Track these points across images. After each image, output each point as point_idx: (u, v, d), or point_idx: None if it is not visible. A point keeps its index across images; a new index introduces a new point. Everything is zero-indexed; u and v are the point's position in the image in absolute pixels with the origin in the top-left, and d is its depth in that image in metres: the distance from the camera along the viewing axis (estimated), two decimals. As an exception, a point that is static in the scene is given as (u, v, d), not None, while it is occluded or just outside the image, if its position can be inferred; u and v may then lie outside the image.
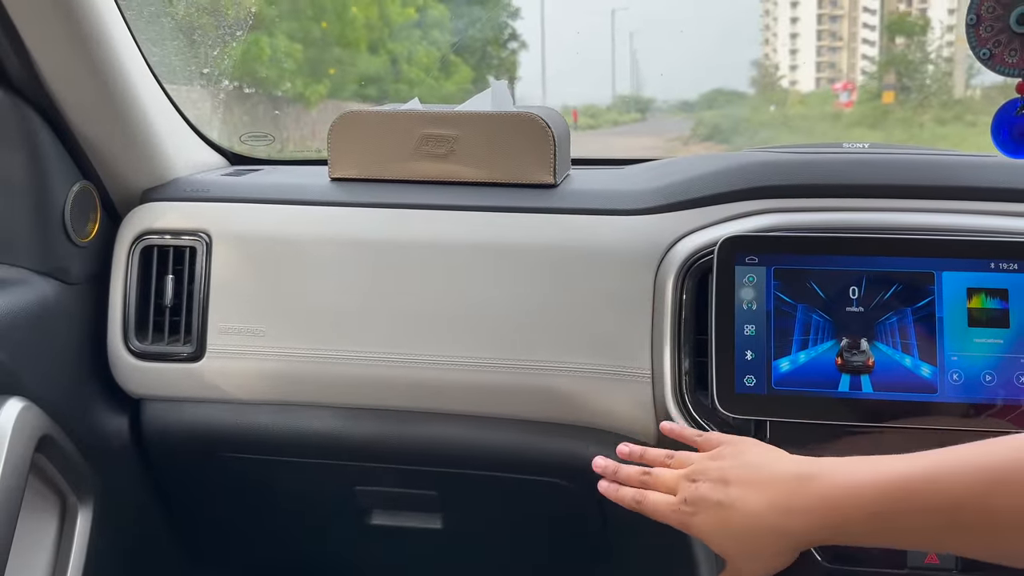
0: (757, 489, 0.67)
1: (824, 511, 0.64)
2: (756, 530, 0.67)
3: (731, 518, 0.68)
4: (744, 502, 0.67)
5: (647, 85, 9.32)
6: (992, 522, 0.58)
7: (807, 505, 0.65)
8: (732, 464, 0.71)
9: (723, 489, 0.69)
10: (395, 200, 1.07)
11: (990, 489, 0.57)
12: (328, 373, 1.04)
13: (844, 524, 0.63)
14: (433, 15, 6.61)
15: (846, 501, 0.63)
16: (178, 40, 1.23)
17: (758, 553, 0.68)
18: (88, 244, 1.09)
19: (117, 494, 1.13)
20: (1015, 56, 0.75)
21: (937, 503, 0.59)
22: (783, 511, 0.65)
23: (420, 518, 1.19)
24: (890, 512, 0.61)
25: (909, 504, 0.60)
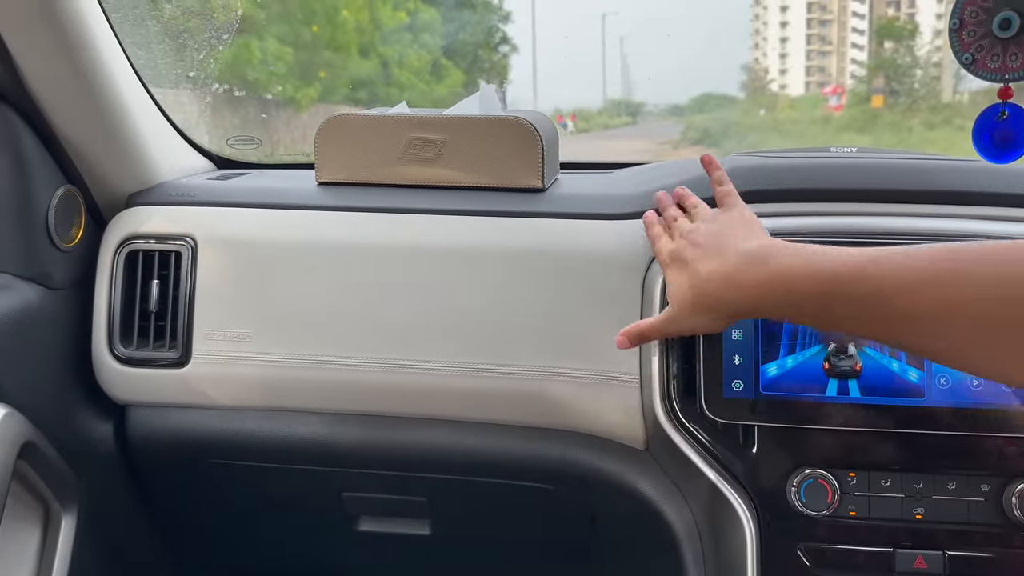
0: (714, 257, 0.78)
1: (762, 291, 0.73)
2: (702, 291, 0.78)
3: (688, 276, 0.80)
4: (701, 264, 0.78)
5: (637, 89, 9.34)
6: (912, 315, 0.63)
7: (748, 282, 0.74)
8: (705, 229, 0.82)
9: (691, 249, 0.81)
10: (382, 204, 1.06)
11: (911, 286, 0.62)
12: (315, 378, 1.03)
13: (780, 306, 0.72)
14: (424, 19, 6.61)
15: (782, 286, 0.71)
16: (165, 43, 1.23)
17: (698, 311, 0.79)
18: (72, 249, 1.08)
19: (101, 501, 1.12)
20: (997, 61, 0.75)
21: (863, 294, 0.65)
22: (727, 282, 0.75)
23: (408, 524, 1.19)
24: (820, 300, 0.68)
25: (839, 294, 0.67)
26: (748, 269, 0.74)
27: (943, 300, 0.61)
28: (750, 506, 0.91)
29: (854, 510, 0.88)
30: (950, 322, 0.60)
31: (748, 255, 0.75)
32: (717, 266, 0.77)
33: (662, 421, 0.94)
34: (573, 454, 1.02)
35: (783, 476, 0.90)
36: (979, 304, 0.59)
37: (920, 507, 0.88)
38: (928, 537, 0.88)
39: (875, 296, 0.64)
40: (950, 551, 0.87)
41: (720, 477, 0.92)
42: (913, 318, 0.62)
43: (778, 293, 0.71)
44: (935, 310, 0.61)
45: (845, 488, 0.89)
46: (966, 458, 0.88)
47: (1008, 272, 0.58)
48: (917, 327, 0.62)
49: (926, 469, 0.88)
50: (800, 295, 0.70)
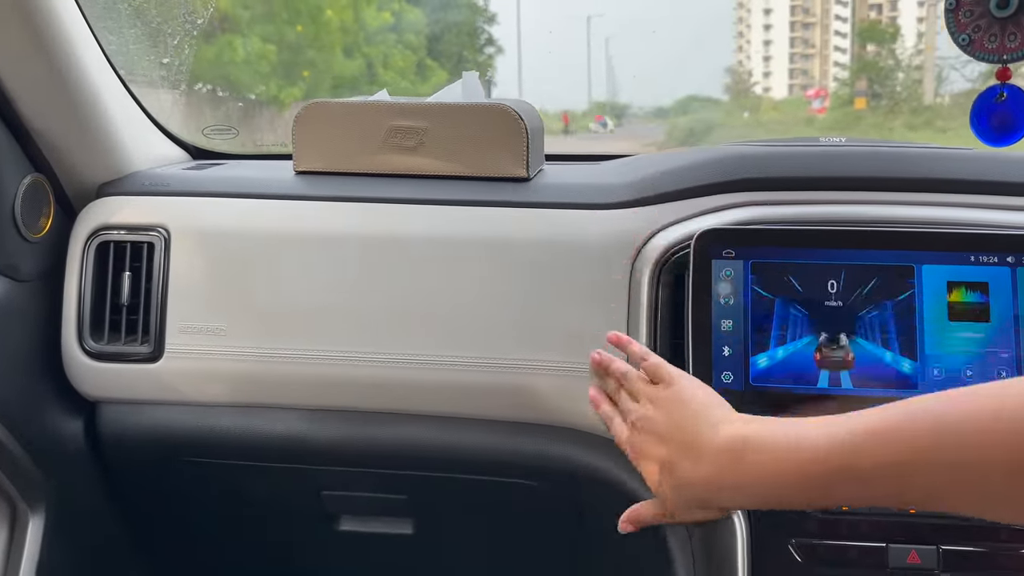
0: (690, 459, 0.70)
1: (753, 489, 0.66)
2: (690, 495, 0.71)
3: (668, 477, 0.72)
4: (678, 468, 0.71)
5: (622, 91, 9.39)
6: (916, 494, 0.59)
7: (736, 483, 0.67)
8: (668, 423, 0.74)
9: (660, 447, 0.73)
10: (362, 194, 1.04)
11: (906, 469, 0.58)
12: (292, 373, 1.01)
13: (775, 499, 0.66)
14: (409, 19, 6.60)
15: (774, 480, 0.65)
16: (137, 28, 1.19)
17: (689, 507, 0.72)
18: (40, 240, 1.04)
19: (71, 501, 1.09)
20: (995, 41, 0.73)
21: (858, 477, 0.60)
22: (714, 487, 0.68)
23: (389, 523, 1.16)
24: (817, 486, 0.63)
25: (834, 480, 0.62)
26: (728, 470, 0.67)
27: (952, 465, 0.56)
28: None
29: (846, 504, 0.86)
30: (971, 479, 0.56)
31: (722, 454, 0.68)
32: (692, 469, 0.70)
33: (650, 415, 0.92)
34: (558, 449, 1.00)
35: (774, 470, 0.88)
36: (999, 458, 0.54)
37: (914, 501, 0.86)
38: (922, 531, 0.86)
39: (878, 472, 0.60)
40: (944, 545, 0.85)
41: None
42: (930, 488, 0.58)
43: (771, 490, 0.66)
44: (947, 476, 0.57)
45: (837, 482, 0.86)
46: (960, 451, 0.86)
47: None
48: (937, 495, 0.58)
49: (920, 462, 0.86)
50: (793, 489, 0.64)
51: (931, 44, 9.41)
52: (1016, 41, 0.72)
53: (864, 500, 0.62)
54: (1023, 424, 0.53)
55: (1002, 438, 0.54)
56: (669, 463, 0.72)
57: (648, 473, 0.74)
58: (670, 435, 0.73)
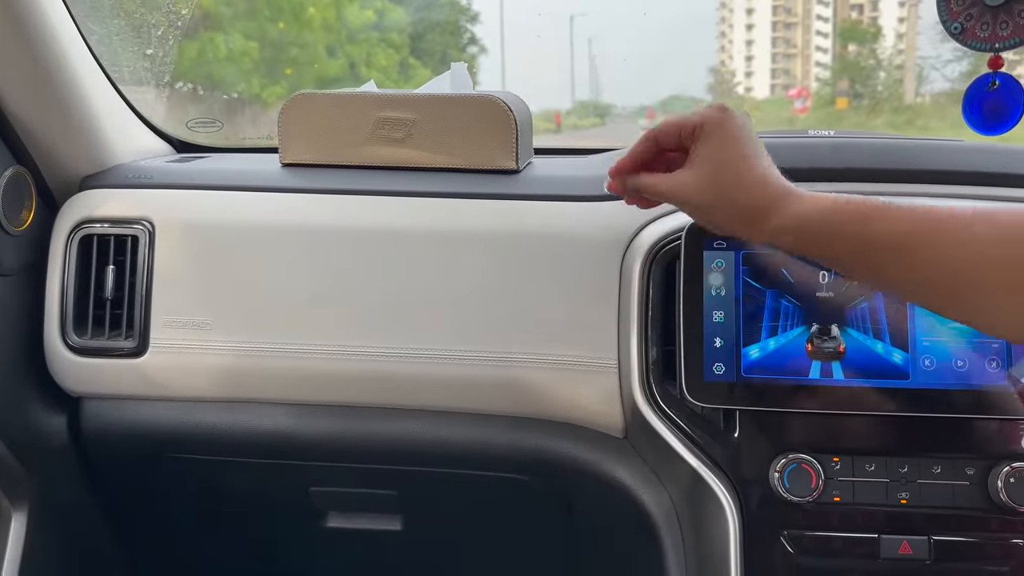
0: (719, 211, 0.73)
1: (772, 240, 0.71)
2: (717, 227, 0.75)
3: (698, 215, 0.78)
4: (707, 212, 0.74)
5: (606, 91, 9.40)
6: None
7: (758, 232, 0.71)
8: (705, 176, 0.73)
9: (697, 196, 0.73)
10: (349, 186, 1.03)
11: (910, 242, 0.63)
12: (279, 367, 0.99)
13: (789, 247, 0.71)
14: (391, 17, 6.57)
15: (784, 240, 0.70)
16: (120, 19, 1.17)
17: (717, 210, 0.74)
18: (23, 233, 1.03)
19: (54, 497, 1.08)
20: (987, 30, 0.73)
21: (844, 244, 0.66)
22: (742, 228, 0.72)
23: (379, 519, 1.15)
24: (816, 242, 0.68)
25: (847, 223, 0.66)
26: (754, 228, 0.71)
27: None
28: (732, 493, 0.88)
29: (838, 495, 0.86)
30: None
31: (754, 213, 0.70)
32: (725, 219, 0.73)
33: (641, 407, 0.92)
34: (550, 443, 0.99)
35: (766, 461, 0.88)
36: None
37: (905, 492, 0.86)
38: (913, 522, 0.86)
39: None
40: (935, 536, 0.86)
41: (701, 463, 0.89)
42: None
43: (792, 246, 0.70)
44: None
45: (829, 473, 0.86)
46: (951, 441, 0.86)
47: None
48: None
49: (911, 453, 0.86)
50: (819, 246, 0.69)
51: (912, 44, 9.50)
52: (1008, 29, 0.72)
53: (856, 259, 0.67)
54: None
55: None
56: (697, 208, 0.75)
57: (688, 211, 0.77)
58: (708, 186, 0.73)
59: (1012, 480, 0.84)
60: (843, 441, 0.87)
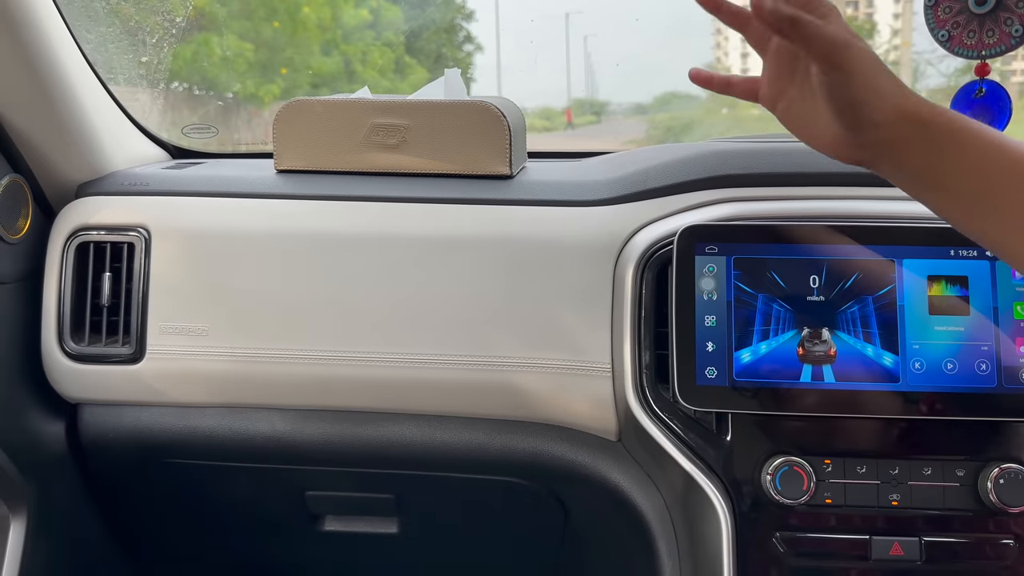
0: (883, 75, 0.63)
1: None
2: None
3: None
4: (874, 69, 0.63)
5: (602, 88, 9.38)
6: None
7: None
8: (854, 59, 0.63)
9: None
10: (344, 192, 1.03)
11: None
12: (275, 373, 1.00)
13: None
14: (387, 16, 6.56)
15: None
16: (115, 26, 1.18)
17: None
18: (19, 241, 1.03)
19: (53, 503, 1.08)
20: (973, 37, 0.74)
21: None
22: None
23: (375, 523, 1.16)
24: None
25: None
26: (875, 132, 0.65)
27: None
28: (725, 495, 0.89)
29: (830, 497, 0.87)
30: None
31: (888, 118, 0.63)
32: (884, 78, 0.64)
33: (635, 411, 0.92)
34: (545, 447, 1.00)
35: (758, 464, 0.88)
36: None
37: (896, 493, 0.87)
38: (904, 523, 0.87)
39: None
40: (926, 537, 0.86)
41: (694, 466, 0.90)
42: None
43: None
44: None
45: (821, 475, 0.87)
46: (941, 443, 0.87)
47: None
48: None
49: (902, 455, 0.87)
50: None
51: (907, 40, 9.49)
52: (994, 37, 0.72)
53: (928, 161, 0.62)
54: None
55: None
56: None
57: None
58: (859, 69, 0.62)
59: (1002, 481, 0.84)
60: (834, 443, 0.88)
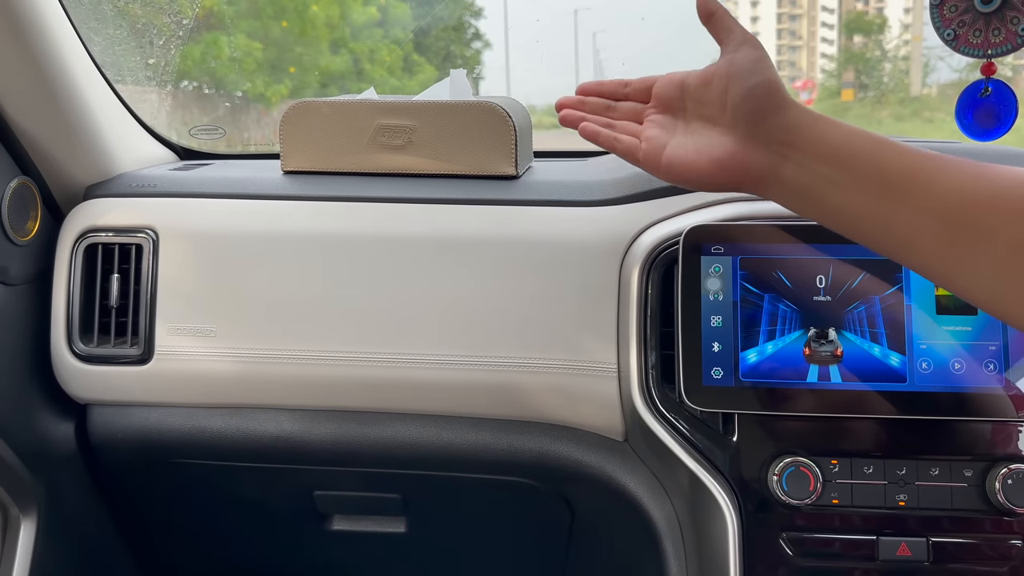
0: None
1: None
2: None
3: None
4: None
5: (610, 84, 9.35)
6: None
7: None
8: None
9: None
10: (350, 193, 1.03)
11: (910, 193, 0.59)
12: (283, 374, 1.00)
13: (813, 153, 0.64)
14: (395, 14, 6.56)
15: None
16: (122, 29, 1.18)
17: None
18: (28, 243, 1.04)
19: (63, 504, 1.09)
20: (979, 36, 0.73)
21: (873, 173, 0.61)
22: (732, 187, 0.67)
23: (382, 522, 1.16)
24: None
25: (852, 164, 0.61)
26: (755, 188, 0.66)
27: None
28: (731, 496, 0.89)
29: (837, 498, 0.87)
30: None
31: (762, 174, 0.65)
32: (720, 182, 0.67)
33: (641, 411, 0.92)
34: (551, 447, 1.00)
35: (764, 465, 0.88)
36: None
37: (903, 494, 0.86)
38: (911, 524, 0.87)
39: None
40: (933, 537, 0.86)
41: (700, 467, 0.90)
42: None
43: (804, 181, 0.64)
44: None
45: (827, 476, 0.87)
46: (949, 443, 0.86)
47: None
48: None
49: (909, 455, 0.87)
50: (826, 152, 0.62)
51: (918, 34, 9.43)
52: (1000, 36, 0.72)
53: (853, 204, 0.61)
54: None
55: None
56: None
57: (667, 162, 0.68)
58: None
59: (1010, 482, 0.84)
60: (841, 444, 0.88)
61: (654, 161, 0.69)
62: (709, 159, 0.66)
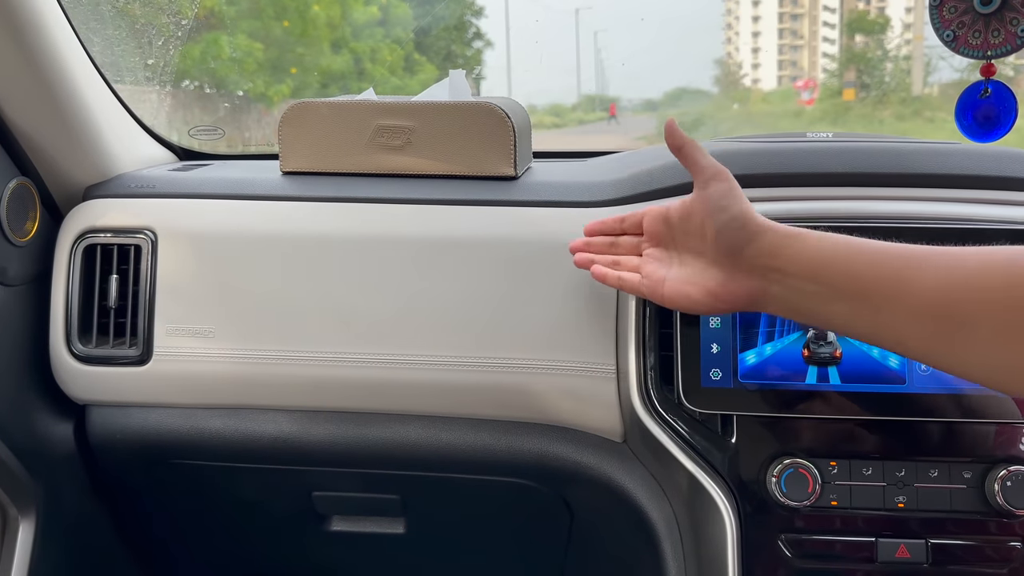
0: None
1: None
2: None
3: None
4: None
5: (612, 84, 9.38)
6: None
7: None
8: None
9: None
10: (349, 194, 1.03)
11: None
12: (282, 375, 1.00)
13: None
14: (396, 13, 6.57)
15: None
16: (121, 29, 1.18)
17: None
18: (27, 244, 1.04)
19: (62, 505, 1.09)
20: (979, 37, 0.73)
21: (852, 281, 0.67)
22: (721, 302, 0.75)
23: (381, 523, 1.16)
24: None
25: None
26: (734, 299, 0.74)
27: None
28: (730, 497, 0.89)
29: (836, 499, 0.87)
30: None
31: (749, 293, 0.73)
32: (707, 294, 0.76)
33: (639, 412, 0.92)
34: (550, 448, 1.00)
35: (763, 466, 0.88)
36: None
37: (902, 495, 0.86)
38: (910, 525, 0.86)
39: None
40: (932, 539, 0.86)
41: (699, 468, 0.90)
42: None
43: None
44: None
45: (826, 477, 0.87)
46: (948, 445, 0.86)
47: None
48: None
49: (908, 457, 0.87)
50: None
51: (919, 34, 9.42)
52: (1000, 37, 0.72)
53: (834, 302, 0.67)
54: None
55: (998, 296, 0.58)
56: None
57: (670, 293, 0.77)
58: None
59: (1009, 483, 0.84)
60: (840, 445, 0.88)
61: (657, 295, 0.79)
62: (703, 290, 0.75)
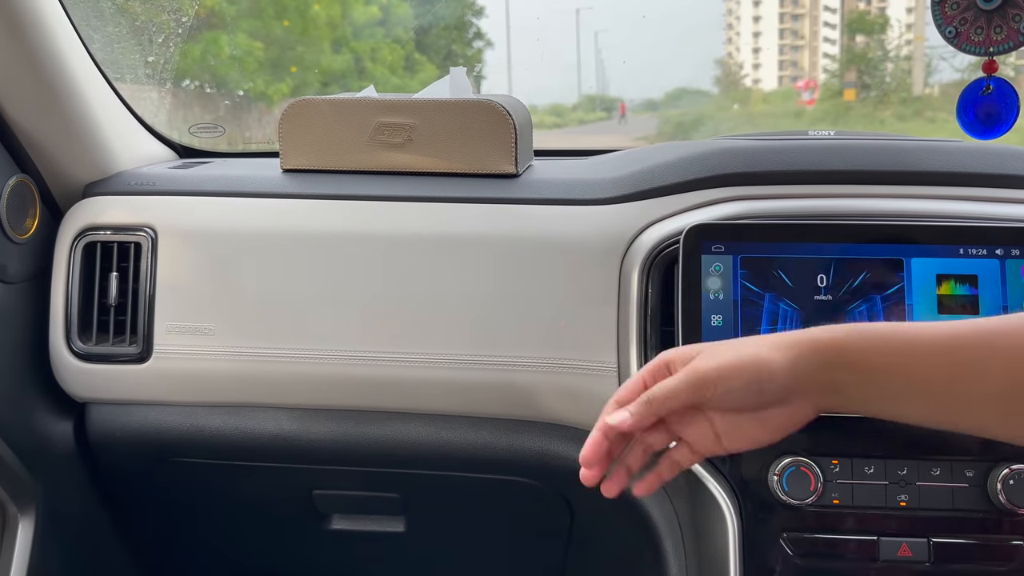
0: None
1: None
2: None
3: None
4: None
5: (612, 84, 9.39)
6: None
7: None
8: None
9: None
10: (350, 192, 1.03)
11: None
12: (282, 372, 1.00)
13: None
14: (397, 13, 6.56)
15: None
16: (121, 26, 1.18)
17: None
18: (27, 241, 1.04)
19: (62, 502, 1.08)
20: (981, 34, 0.73)
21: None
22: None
23: (381, 522, 1.16)
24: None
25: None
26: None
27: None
28: (731, 495, 0.89)
29: (837, 498, 0.86)
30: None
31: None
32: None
33: (640, 411, 0.92)
34: (551, 446, 0.99)
35: (765, 465, 0.88)
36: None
37: (904, 494, 0.86)
38: (912, 524, 0.86)
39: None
40: (935, 538, 0.86)
41: (700, 466, 0.90)
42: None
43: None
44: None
45: (828, 476, 0.86)
46: (950, 443, 0.86)
47: None
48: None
49: (910, 455, 0.86)
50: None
51: (920, 34, 9.42)
52: (1002, 33, 0.72)
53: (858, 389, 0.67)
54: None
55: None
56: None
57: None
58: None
59: (1011, 482, 0.84)
60: (842, 444, 0.87)
61: (715, 453, 0.72)
62: (770, 428, 0.70)
